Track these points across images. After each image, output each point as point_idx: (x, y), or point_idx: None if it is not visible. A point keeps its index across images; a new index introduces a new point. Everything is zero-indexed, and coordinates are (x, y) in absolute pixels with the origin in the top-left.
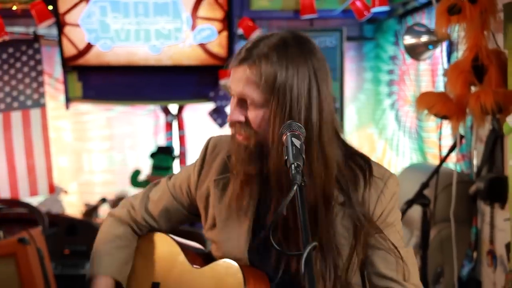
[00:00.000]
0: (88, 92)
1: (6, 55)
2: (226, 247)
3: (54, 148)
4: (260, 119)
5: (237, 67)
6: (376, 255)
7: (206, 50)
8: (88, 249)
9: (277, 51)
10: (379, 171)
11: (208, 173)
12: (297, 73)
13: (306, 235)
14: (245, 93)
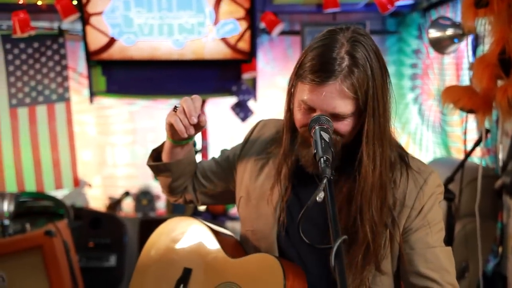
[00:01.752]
0: (111, 86)
1: (32, 50)
2: (257, 225)
3: (78, 142)
4: (350, 127)
5: (324, 85)
6: (414, 253)
7: (229, 44)
8: (112, 242)
9: (359, 58)
10: (420, 167)
11: (250, 151)
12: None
13: (336, 228)
14: (338, 109)
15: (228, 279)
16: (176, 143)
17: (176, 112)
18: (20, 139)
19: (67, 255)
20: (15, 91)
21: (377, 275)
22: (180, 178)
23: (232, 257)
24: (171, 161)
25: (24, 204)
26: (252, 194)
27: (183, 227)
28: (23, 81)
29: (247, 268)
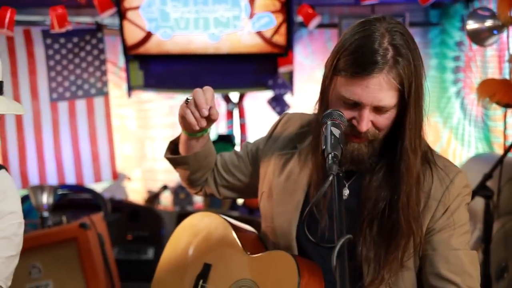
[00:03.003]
0: (149, 80)
1: (71, 45)
2: (277, 221)
3: (118, 136)
4: (390, 121)
5: (370, 77)
6: (436, 254)
7: (264, 38)
8: (150, 235)
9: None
10: (447, 166)
11: (273, 145)
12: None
13: (341, 227)
14: (384, 102)
15: (245, 276)
16: (191, 135)
17: (188, 104)
18: (60, 133)
19: (101, 248)
20: (55, 85)
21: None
22: (198, 171)
23: (250, 254)
24: (188, 154)
25: (65, 196)
26: (275, 190)
27: (205, 222)
28: (63, 76)
29: (263, 265)
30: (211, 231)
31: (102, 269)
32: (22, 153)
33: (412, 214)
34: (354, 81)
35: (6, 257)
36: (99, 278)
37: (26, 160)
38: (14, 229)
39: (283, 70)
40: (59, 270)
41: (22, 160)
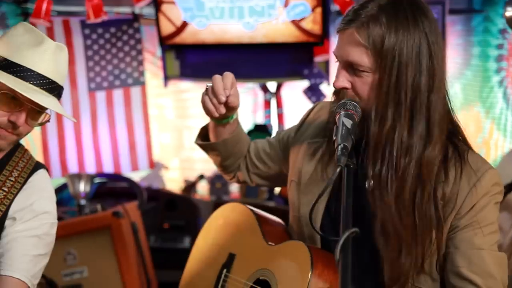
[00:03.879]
0: (185, 70)
1: (109, 35)
2: (302, 210)
3: (156, 125)
4: (369, 86)
5: (344, 30)
6: (458, 253)
7: (300, 27)
8: (186, 224)
9: (386, 12)
10: (477, 163)
11: (304, 133)
12: (407, 35)
13: (347, 220)
14: (352, 57)
15: (264, 265)
16: (217, 122)
17: (207, 91)
18: (98, 122)
19: (134, 236)
20: (93, 75)
21: (421, 272)
22: (229, 158)
23: (271, 244)
24: (217, 140)
25: (104, 185)
26: (303, 178)
27: (233, 213)
28: (101, 66)
29: (280, 255)
30: (237, 222)
31: (135, 257)
32: (62, 142)
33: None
34: (338, 35)
35: (34, 255)
36: (132, 266)
37: (65, 149)
38: (46, 229)
39: (319, 59)
40: (94, 257)
41: (62, 149)
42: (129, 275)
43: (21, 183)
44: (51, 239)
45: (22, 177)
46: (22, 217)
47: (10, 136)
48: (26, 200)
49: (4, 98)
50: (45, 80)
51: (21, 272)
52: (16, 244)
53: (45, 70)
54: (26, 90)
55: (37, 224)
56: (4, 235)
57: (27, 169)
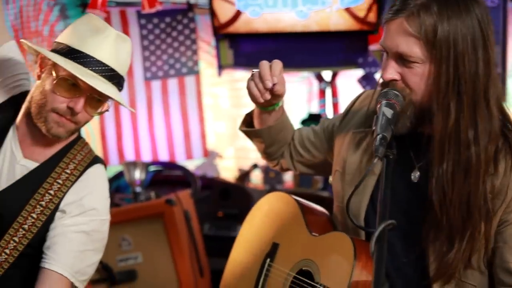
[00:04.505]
0: (238, 59)
1: (164, 25)
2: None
3: (211, 114)
4: (419, 78)
5: (392, 20)
6: (507, 248)
7: (354, 15)
8: (240, 213)
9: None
10: None
11: (349, 122)
12: (460, 23)
13: (384, 211)
14: (402, 48)
15: (307, 256)
16: (262, 109)
17: (253, 76)
18: (153, 111)
19: (187, 224)
20: (149, 64)
21: (469, 267)
22: (273, 145)
23: (314, 235)
24: (262, 127)
25: (160, 173)
26: (348, 169)
27: (277, 202)
28: (156, 55)
29: (324, 246)
30: (281, 212)
31: (188, 244)
32: (119, 130)
33: (476, 203)
34: (383, 28)
35: (80, 251)
36: (185, 253)
37: (122, 137)
38: (95, 225)
39: (374, 48)
40: (148, 243)
41: (119, 137)
42: (181, 262)
43: (76, 176)
44: (102, 236)
45: (78, 170)
46: (71, 211)
47: (69, 123)
48: (77, 194)
49: (64, 84)
50: (104, 66)
51: (64, 267)
52: (63, 239)
53: (104, 57)
54: (85, 75)
55: (85, 220)
56: (52, 227)
57: (84, 162)
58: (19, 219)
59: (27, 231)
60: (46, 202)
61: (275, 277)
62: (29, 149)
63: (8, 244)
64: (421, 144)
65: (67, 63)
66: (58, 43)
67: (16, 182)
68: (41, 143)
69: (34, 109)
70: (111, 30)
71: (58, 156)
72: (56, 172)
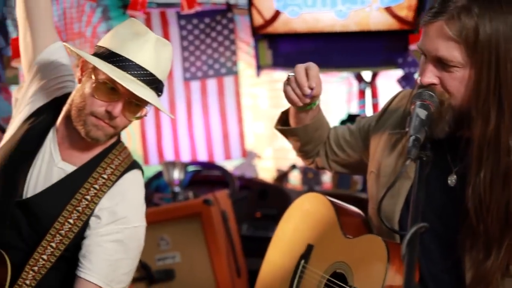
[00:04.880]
0: (277, 59)
1: (203, 25)
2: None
3: (250, 115)
4: (459, 82)
5: (431, 23)
6: None
7: (394, 14)
8: (278, 213)
9: (478, 1)
10: None
11: (386, 123)
12: (503, 25)
13: (416, 214)
14: (441, 52)
15: (341, 258)
16: (299, 109)
17: (289, 81)
18: (192, 111)
19: (224, 224)
20: (188, 65)
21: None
22: (309, 143)
23: (348, 237)
24: (298, 126)
25: (199, 173)
26: (383, 171)
27: (312, 203)
28: (196, 56)
29: (357, 249)
30: (316, 213)
31: (225, 244)
32: (159, 130)
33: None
34: (422, 29)
35: (115, 260)
36: (222, 253)
37: (162, 137)
38: (129, 233)
39: (414, 47)
40: (186, 243)
41: (159, 137)
42: (218, 262)
43: (112, 181)
44: (137, 243)
45: (115, 175)
46: (104, 218)
47: (107, 127)
48: (111, 200)
49: (103, 88)
50: (143, 71)
51: (98, 276)
52: (98, 248)
53: (143, 61)
54: (124, 79)
55: (119, 228)
56: (87, 234)
57: (121, 167)
58: (56, 225)
59: (64, 237)
60: (82, 208)
61: (309, 279)
62: (67, 152)
63: (45, 250)
64: (459, 148)
65: (107, 67)
66: (99, 47)
67: (53, 185)
68: (80, 146)
69: (74, 112)
70: (151, 35)
71: (96, 160)
72: (93, 177)
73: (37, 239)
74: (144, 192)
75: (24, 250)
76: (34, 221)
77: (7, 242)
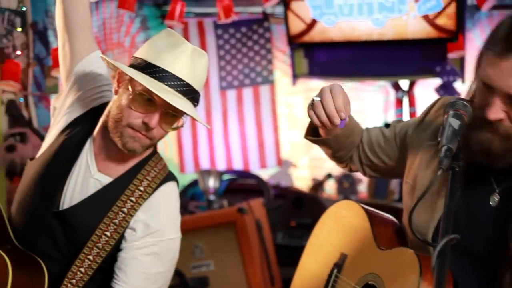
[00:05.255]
0: (313, 68)
1: (240, 35)
2: (416, 217)
3: (286, 123)
4: None
5: (506, 58)
6: None
7: (432, 22)
8: (313, 223)
9: None
10: None
11: (423, 133)
12: None
13: (447, 225)
14: None
15: (373, 270)
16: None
17: (314, 106)
18: (228, 120)
19: (259, 233)
20: (224, 74)
21: None
22: (341, 150)
23: (381, 248)
24: (328, 136)
25: (234, 181)
26: (419, 183)
27: (347, 211)
28: (232, 65)
29: (390, 261)
30: (350, 222)
31: (259, 253)
32: (195, 138)
33: None
34: (490, 60)
35: (149, 273)
36: (256, 262)
37: (198, 146)
38: (164, 246)
39: (453, 56)
40: (220, 251)
41: (195, 146)
42: (252, 270)
43: (148, 193)
44: (172, 255)
45: (151, 187)
46: (139, 230)
47: (144, 139)
48: (146, 213)
49: (140, 99)
50: (180, 81)
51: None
52: (133, 261)
53: (180, 72)
54: (160, 90)
55: (154, 241)
56: (123, 246)
57: (157, 179)
58: (93, 238)
59: (101, 250)
60: (119, 221)
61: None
62: (104, 163)
63: (83, 262)
64: (503, 168)
65: (143, 78)
66: (135, 58)
67: (89, 197)
68: (116, 157)
69: (111, 124)
70: (188, 45)
71: (132, 171)
72: (129, 189)
73: (73, 251)
74: (179, 202)
75: (60, 261)
76: (70, 232)
77: (42, 250)
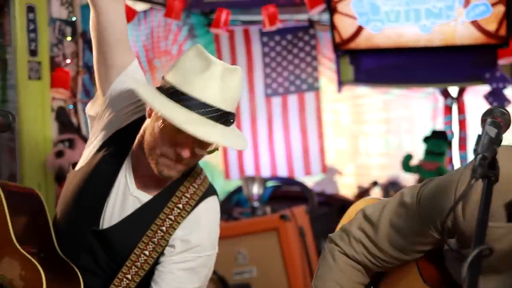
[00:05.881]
0: (359, 75)
1: (285, 42)
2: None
3: (332, 130)
4: None
5: None
6: None
7: (481, 28)
8: None
9: None
10: None
11: None
12: None
13: (481, 236)
14: None
15: None
16: None
17: None
18: (273, 127)
19: (302, 240)
20: (270, 81)
21: None
22: None
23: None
24: None
25: (279, 188)
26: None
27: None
28: (277, 72)
29: None
30: None
31: (302, 260)
32: None
33: None
34: None
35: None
36: (298, 269)
37: (243, 152)
38: (202, 261)
39: (503, 62)
40: (262, 258)
41: (240, 152)
42: (295, 277)
43: (187, 211)
44: (208, 271)
45: (189, 205)
46: (178, 246)
47: (179, 166)
48: (186, 229)
49: (171, 128)
50: (210, 108)
51: None
52: (169, 276)
53: (209, 97)
54: (187, 121)
55: (192, 257)
56: (161, 260)
57: (196, 195)
58: (132, 257)
59: (140, 269)
60: (158, 239)
61: None
62: (142, 180)
63: (121, 282)
64: None
65: (171, 109)
66: (164, 81)
67: (128, 216)
68: (154, 174)
69: (146, 149)
70: (217, 65)
71: (171, 189)
72: (168, 207)
73: (114, 267)
74: (219, 216)
75: (101, 276)
76: (110, 251)
77: (82, 265)
